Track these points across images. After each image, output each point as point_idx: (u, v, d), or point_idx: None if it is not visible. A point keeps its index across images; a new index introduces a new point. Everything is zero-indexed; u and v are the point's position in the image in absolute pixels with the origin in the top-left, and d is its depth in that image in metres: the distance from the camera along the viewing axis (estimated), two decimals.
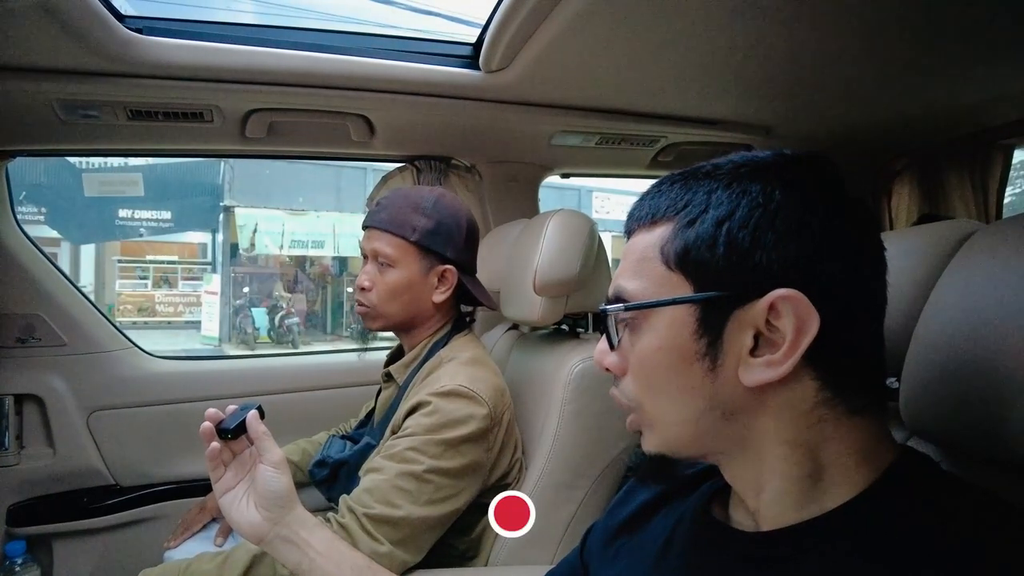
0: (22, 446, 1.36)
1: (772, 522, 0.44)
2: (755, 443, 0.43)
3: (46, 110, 1.16)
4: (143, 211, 9.95)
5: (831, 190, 0.42)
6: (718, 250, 0.41)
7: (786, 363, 0.40)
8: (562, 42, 1.03)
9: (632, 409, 0.47)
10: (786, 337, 0.40)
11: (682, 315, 0.42)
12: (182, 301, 11.34)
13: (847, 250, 0.41)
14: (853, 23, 0.99)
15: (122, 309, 10.90)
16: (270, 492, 0.69)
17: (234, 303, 9.67)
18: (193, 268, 11.86)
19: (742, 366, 0.41)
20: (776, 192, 0.41)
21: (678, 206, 0.44)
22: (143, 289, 11.46)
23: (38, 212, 9.29)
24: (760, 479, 0.44)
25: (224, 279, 9.70)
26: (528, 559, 0.97)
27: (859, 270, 0.41)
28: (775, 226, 0.40)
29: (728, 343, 0.41)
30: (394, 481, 0.87)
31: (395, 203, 1.04)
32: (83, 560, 1.37)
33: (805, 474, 0.42)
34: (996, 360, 0.44)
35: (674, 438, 0.45)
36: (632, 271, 0.46)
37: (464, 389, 0.92)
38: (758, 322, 0.40)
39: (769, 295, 0.39)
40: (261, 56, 1.12)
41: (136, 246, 11.45)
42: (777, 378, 0.40)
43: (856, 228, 0.42)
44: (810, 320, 0.39)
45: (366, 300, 1.04)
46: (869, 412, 0.42)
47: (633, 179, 1.93)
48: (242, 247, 8.97)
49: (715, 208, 0.42)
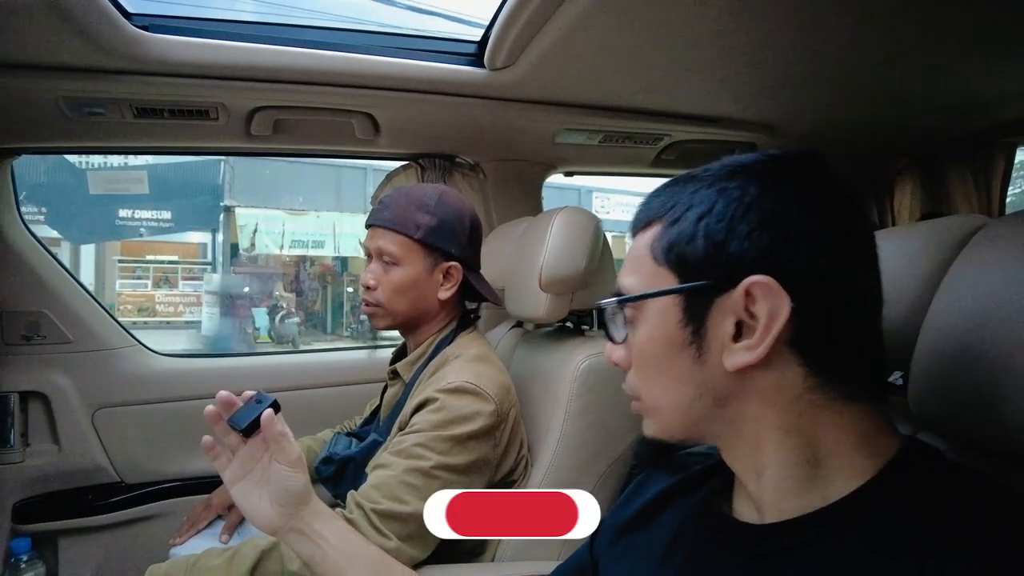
0: (27, 443, 1.36)
1: (774, 510, 0.44)
2: (749, 428, 0.45)
3: (52, 107, 1.16)
4: (143, 211, 9.96)
5: (811, 183, 0.44)
6: (697, 243, 0.44)
7: (761, 346, 0.41)
8: (567, 40, 1.03)
9: (637, 399, 0.50)
10: (761, 321, 0.41)
11: (669, 306, 0.45)
12: (182, 301, 11.25)
13: (825, 239, 0.42)
14: (856, 22, 0.99)
15: (122, 309, 10.84)
16: (286, 491, 0.68)
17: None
18: (193, 268, 11.87)
19: (725, 352, 0.43)
20: (751, 187, 0.43)
21: (666, 207, 0.47)
22: (143, 289, 11.45)
23: (39, 212, 9.35)
24: (758, 464, 0.45)
25: (224, 279, 9.69)
26: (534, 555, 0.97)
27: (838, 257, 0.43)
28: (748, 218, 0.42)
29: (712, 330, 0.44)
30: (402, 477, 0.87)
31: (398, 201, 1.04)
32: (88, 557, 1.38)
33: (802, 460, 0.43)
34: (1007, 354, 0.45)
35: (670, 424, 0.48)
36: (629, 270, 0.49)
37: (471, 386, 0.93)
38: (738, 309, 0.42)
39: (744, 282, 0.41)
40: (267, 54, 1.13)
41: (136, 246, 11.44)
42: (754, 361, 0.42)
43: (837, 218, 0.44)
44: (781, 304, 0.41)
45: (372, 298, 1.04)
46: (866, 399, 0.43)
47: (635, 177, 1.94)
48: (242, 247, 8.96)
49: (696, 206, 0.45)
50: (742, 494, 0.50)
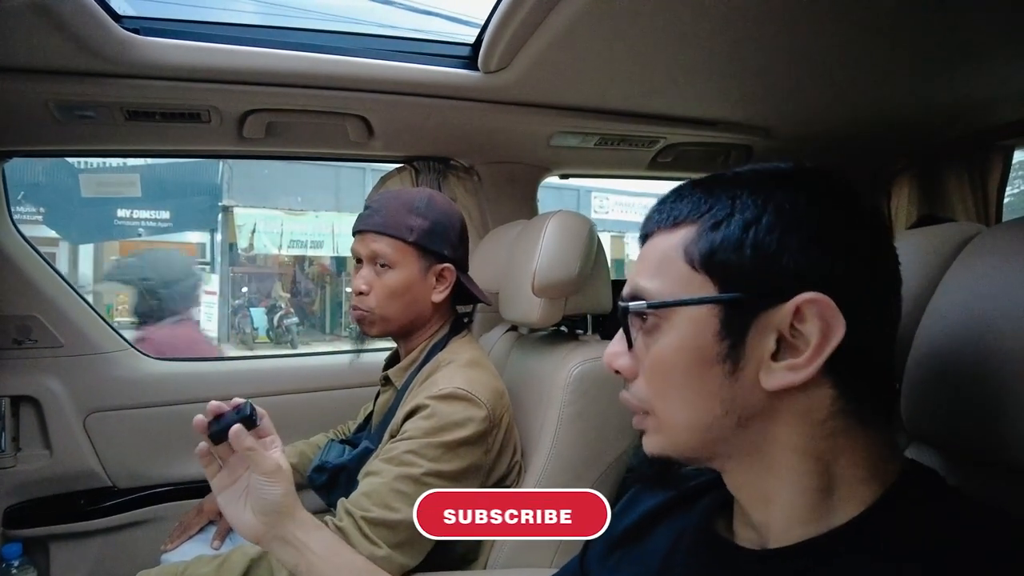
0: (19, 448, 1.35)
1: (779, 537, 0.43)
2: (766, 452, 0.43)
3: (42, 111, 1.15)
4: (142, 211, 9.98)
5: (852, 202, 0.43)
6: (745, 252, 0.41)
7: (809, 367, 0.40)
8: (561, 42, 1.03)
9: (644, 411, 0.47)
10: (810, 342, 0.40)
11: (705, 315, 0.42)
12: None
13: (866, 259, 0.41)
14: (852, 24, 0.99)
15: (120, 309, 10.98)
16: (263, 501, 0.68)
17: (233, 303, 9.64)
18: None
19: (763, 370, 0.41)
20: (801, 200, 0.41)
21: (701, 209, 0.44)
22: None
23: (36, 212, 9.39)
24: (768, 490, 0.43)
25: (223, 279, 9.69)
26: (527, 562, 0.97)
27: (875, 279, 0.42)
28: (801, 231, 0.40)
29: (751, 346, 0.41)
30: (392, 484, 0.86)
31: (388, 205, 1.04)
32: (80, 562, 1.37)
33: (816, 487, 0.42)
34: (1000, 365, 0.44)
35: (683, 442, 0.45)
36: (652, 271, 0.45)
37: (462, 392, 0.92)
38: (782, 326, 0.40)
39: (796, 298, 0.40)
40: (258, 57, 1.12)
41: (135, 246, 11.51)
42: (799, 382, 0.40)
43: (874, 239, 0.43)
44: (836, 325, 0.39)
45: (364, 304, 1.03)
46: (879, 424, 0.42)
47: (633, 180, 1.93)
48: (240, 247, 8.97)
49: (741, 212, 0.42)
50: (741, 516, 0.48)
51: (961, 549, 0.37)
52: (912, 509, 0.40)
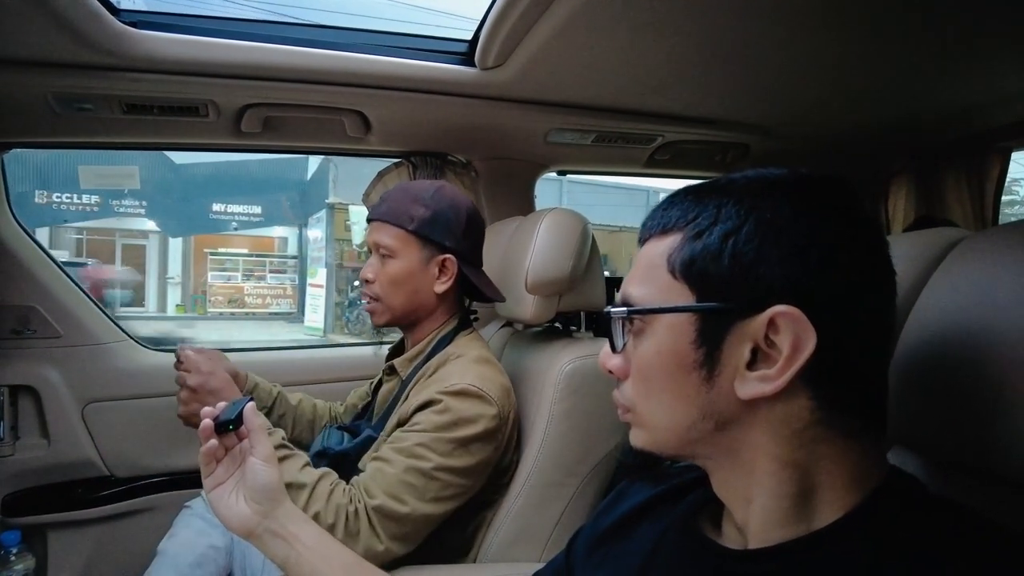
0: (17, 437, 1.36)
1: (759, 537, 0.44)
2: (745, 456, 0.43)
3: (41, 103, 1.15)
4: (235, 206, 10.56)
5: (843, 212, 0.42)
6: (723, 262, 0.41)
7: (779, 379, 0.40)
8: (558, 39, 1.03)
9: (629, 411, 0.49)
10: (782, 353, 0.40)
11: (683, 323, 0.43)
12: (270, 293, 12.15)
13: (853, 273, 0.41)
14: (851, 24, 0.99)
15: (214, 300, 11.59)
16: (260, 485, 0.70)
17: (349, 296, 10.09)
18: (274, 261, 12.70)
19: (738, 379, 0.42)
20: (785, 210, 0.41)
21: (688, 218, 0.44)
22: (234, 281, 12.10)
23: (139, 206, 9.68)
24: (748, 492, 0.44)
25: (329, 273, 10.18)
26: (516, 557, 0.98)
27: (865, 293, 0.42)
28: (780, 243, 0.40)
29: (726, 355, 0.42)
30: (401, 476, 0.88)
31: (396, 195, 1.06)
32: (77, 550, 1.38)
33: (794, 492, 0.42)
34: (982, 369, 0.45)
35: (663, 441, 0.47)
36: (640, 278, 0.47)
37: (475, 389, 0.93)
38: (757, 336, 0.41)
39: (769, 310, 0.40)
40: (256, 51, 1.12)
41: (217, 239, 11.95)
42: (770, 393, 0.41)
43: (865, 252, 0.42)
44: (807, 338, 0.39)
45: (371, 292, 1.05)
46: (866, 436, 0.42)
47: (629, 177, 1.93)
48: (355, 243, 9.28)
49: (723, 222, 0.42)
50: (724, 515, 0.49)
51: (941, 553, 0.37)
52: (892, 514, 0.40)
